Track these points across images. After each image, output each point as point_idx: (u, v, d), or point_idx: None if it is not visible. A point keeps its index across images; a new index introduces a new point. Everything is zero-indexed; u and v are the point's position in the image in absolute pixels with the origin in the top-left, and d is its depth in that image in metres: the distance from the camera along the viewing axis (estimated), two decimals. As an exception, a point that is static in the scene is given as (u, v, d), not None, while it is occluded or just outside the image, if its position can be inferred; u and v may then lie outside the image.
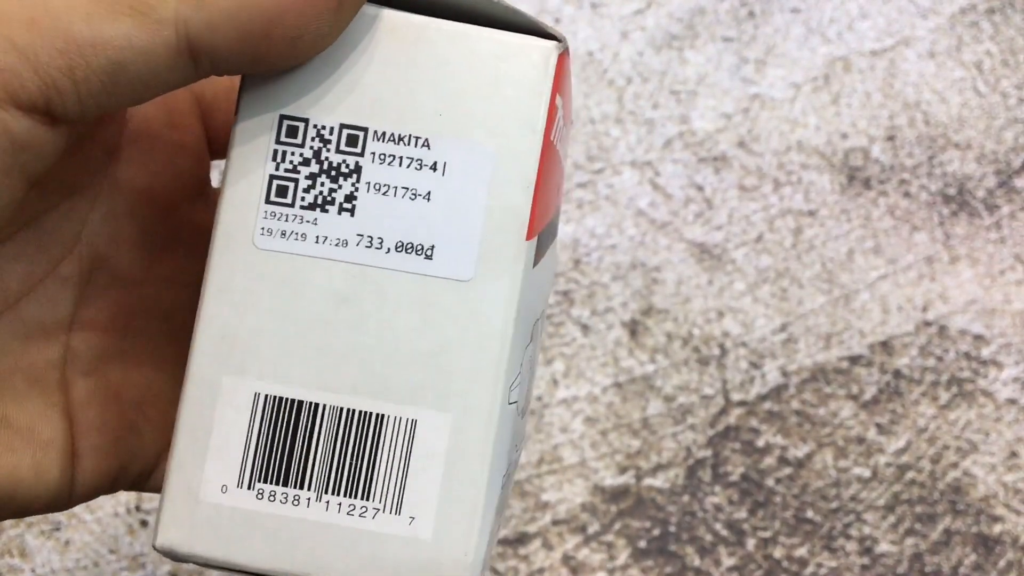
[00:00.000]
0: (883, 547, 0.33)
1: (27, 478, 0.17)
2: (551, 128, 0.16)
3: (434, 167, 0.16)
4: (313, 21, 0.15)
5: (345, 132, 0.16)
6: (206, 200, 0.21)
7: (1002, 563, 0.33)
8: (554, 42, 0.16)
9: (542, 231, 0.17)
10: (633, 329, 0.34)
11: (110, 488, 0.19)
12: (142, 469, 0.19)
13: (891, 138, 0.36)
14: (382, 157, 0.16)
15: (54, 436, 0.18)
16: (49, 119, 0.15)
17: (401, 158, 0.16)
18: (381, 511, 0.16)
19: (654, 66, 0.35)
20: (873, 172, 0.35)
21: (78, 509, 0.31)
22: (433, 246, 0.16)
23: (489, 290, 0.16)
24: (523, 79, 0.16)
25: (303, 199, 0.16)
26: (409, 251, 0.16)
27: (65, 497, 0.18)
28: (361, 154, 0.16)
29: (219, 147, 0.21)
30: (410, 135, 0.16)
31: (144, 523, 0.32)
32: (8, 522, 0.31)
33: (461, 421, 0.16)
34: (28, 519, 0.31)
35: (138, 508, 0.32)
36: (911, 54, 0.36)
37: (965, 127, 0.36)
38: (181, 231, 0.21)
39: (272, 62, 0.16)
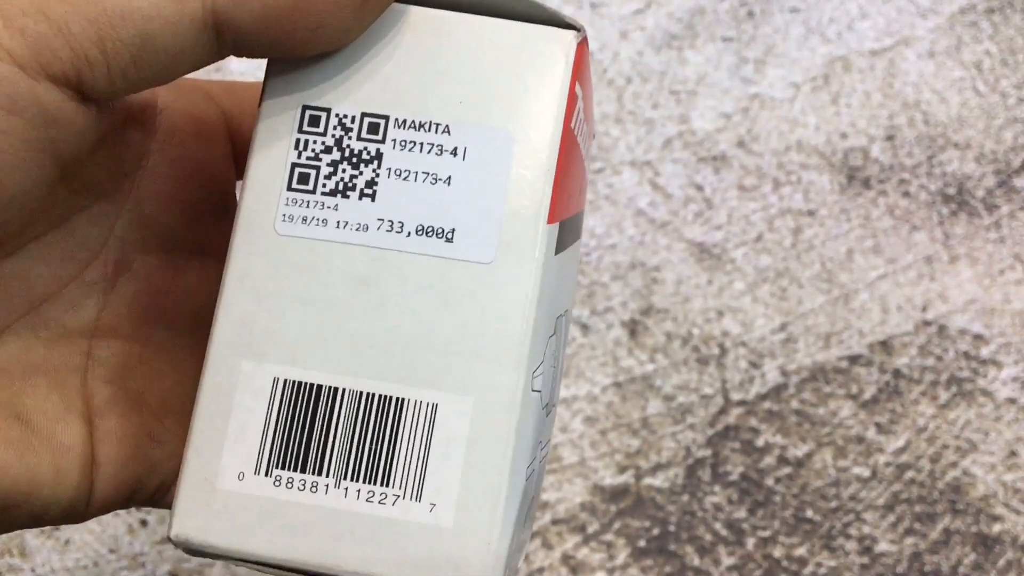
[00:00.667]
0: (882, 546, 0.33)
1: (46, 481, 0.17)
2: (571, 116, 0.16)
3: (454, 152, 0.16)
4: (336, 13, 0.15)
5: (367, 120, 0.16)
6: (230, 215, 0.21)
7: (1002, 562, 0.33)
8: (573, 31, 0.16)
9: (564, 220, 0.17)
10: (633, 329, 0.34)
11: (126, 502, 0.19)
12: (160, 482, 0.19)
13: (891, 138, 0.36)
14: (403, 144, 0.16)
15: (74, 442, 0.18)
16: (79, 94, 0.15)
17: (422, 144, 0.16)
18: (401, 498, 0.16)
19: (654, 66, 0.36)
20: (873, 172, 0.35)
21: (78, 508, 0.32)
22: (454, 229, 0.16)
23: (510, 273, 0.16)
24: (543, 67, 0.16)
25: (324, 185, 0.16)
26: (430, 234, 0.16)
27: (81, 507, 0.18)
28: (382, 141, 0.16)
29: (244, 164, 0.21)
30: (431, 122, 0.16)
31: (144, 523, 0.32)
32: (8, 521, 0.31)
33: (482, 405, 0.16)
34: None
35: (138, 508, 0.32)
36: (911, 54, 0.36)
37: (965, 127, 0.36)
38: (205, 243, 0.21)
39: (293, 48, 0.16)
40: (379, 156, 0.16)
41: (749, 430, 0.33)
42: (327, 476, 0.16)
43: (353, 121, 0.16)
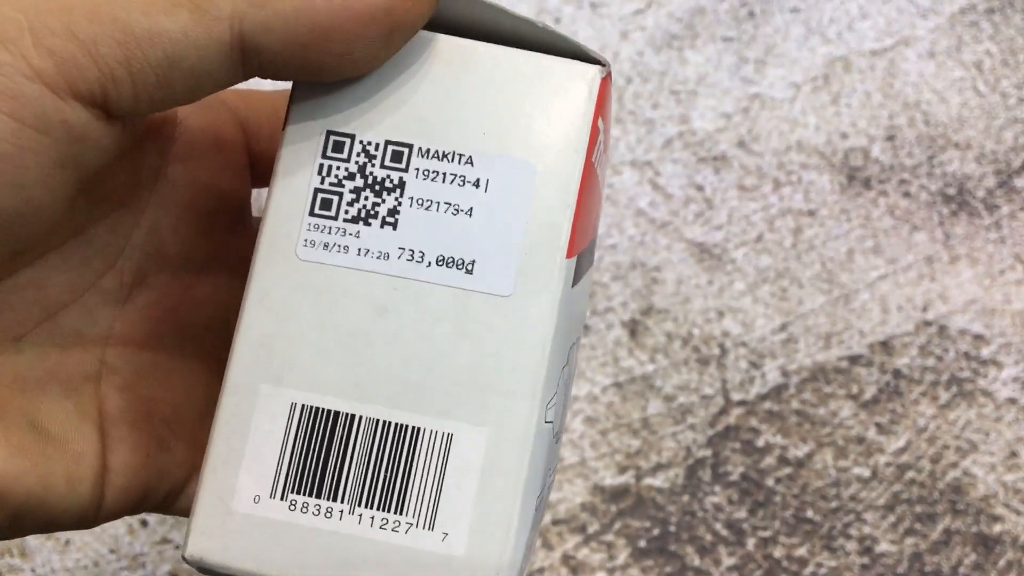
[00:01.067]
0: (883, 547, 0.33)
1: (59, 489, 0.17)
2: (592, 150, 0.16)
3: (477, 184, 0.16)
4: (363, 42, 0.15)
5: (390, 148, 0.16)
6: (245, 226, 0.21)
7: (1002, 563, 0.33)
8: (597, 66, 0.16)
9: (581, 252, 0.17)
10: (633, 329, 0.34)
11: (135, 508, 0.19)
12: (170, 489, 0.19)
13: (891, 138, 0.36)
14: (426, 173, 0.16)
15: (86, 449, 0.18)
16: (105, 113, 0.15)
17: (444, 174, 0.16)
18: (414, 526, 0.16)
19: (654, 66, 0.36)
20: (873, 172, 0.35)
21: (78, 509, 0.32)
22: (474, 261, 0.16)
23: (528, 306, 0.16)
24: (567, 101, 0.16)
25: (347, 212, 0.16)
26: (450, 265, 0.16)
27: (92, 514, 0.18)
28: (405, 170, 0.16)
29: (261, 173, 0.21)
30: (454, 152, 0.16)
31: (144, 523, 0.32)
32: (8, 522, 0.31)
33: (497, 436, 0.16)
34: (28, 519, 0.31)
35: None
36: (911, 54, 0.36)
37: (965, 127, 0.36)
38: (221, 253, 0.21)
39: (319, 73, 0.16)
40: (402, 185, 0.16)
41: (749, 430, 0.33)
42: (342, 502, 0.16)
43: (377, 148, 0.16)
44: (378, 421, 0.16)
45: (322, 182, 0.16)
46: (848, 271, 0.35)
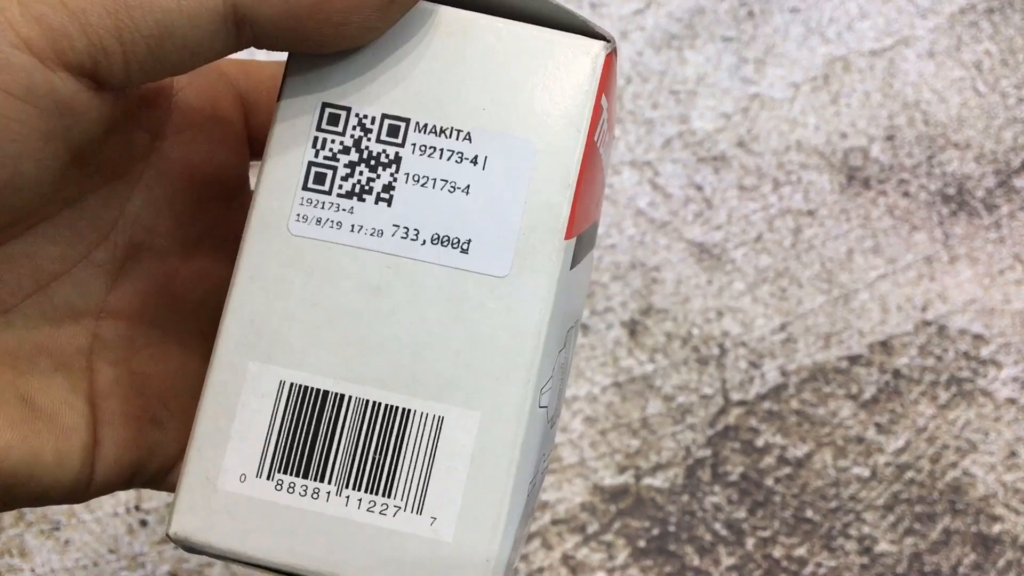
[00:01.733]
0: (882, 547, 0.33)
1: (48, 463, 0.17)
2: (595, 128, 0.16)
3: (474, 161, 0.16)
4: (361, 12, 0.15)
5: (387, 122, 0.16)
6: (243, 199, 0.21)
7: (1001, 563, 0.33)
8: (602, 42, 0.16)
9: (581, 234, 0.17)
10: (632, 329, 0.34)
11: (127, 483, 0.19)
12: (161, 465, 0.19)
13: (890, 138, 0.36)
14: (423, 149, 0.16)
15: (77, 423, 0.18)
16: (95, 83, 0.15)
17: (442, 150, 0.16)
18: (402, 509, 0.16)
19: (654, 66, 0.36)
20: (872, 172, 0.35)
21: (78, 508, 0.31)
22: (470, 240, 0.16)
23: (525, 288, 0.16)
24: (570, 78, 0.16)
25: (340, 187, 0.16)
26: (445, 244, 0.16)
27: (83, 488, 0.18)
28: (402, 145, 0.16)
29: (259, 146, 0.21)
30: (452, 128, 0.16)
31: (144, 523, 0.32)
32: (8, 521, 0.31)
33: (489, 420, 0.16)
34: (28, 518, 0.31)
35: (138, 508, 0.32)
36: (910, 54, 0.36)
37: (964, 127, 0.36)
38: (216, 227, 0.20)
39: (315, 44, 0.15)
40: (398, 160, 0.16)
41: (749, 430, 0.33)
42: (329, 483, 0.16)
43: (373, 122, 0.16)
44: (368, 402, 0.16)
45: (316, 155, 0.16)
46: (848, 271, 0.35)
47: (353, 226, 0.16)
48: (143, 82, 0.15)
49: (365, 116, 0.16)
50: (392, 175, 0.16)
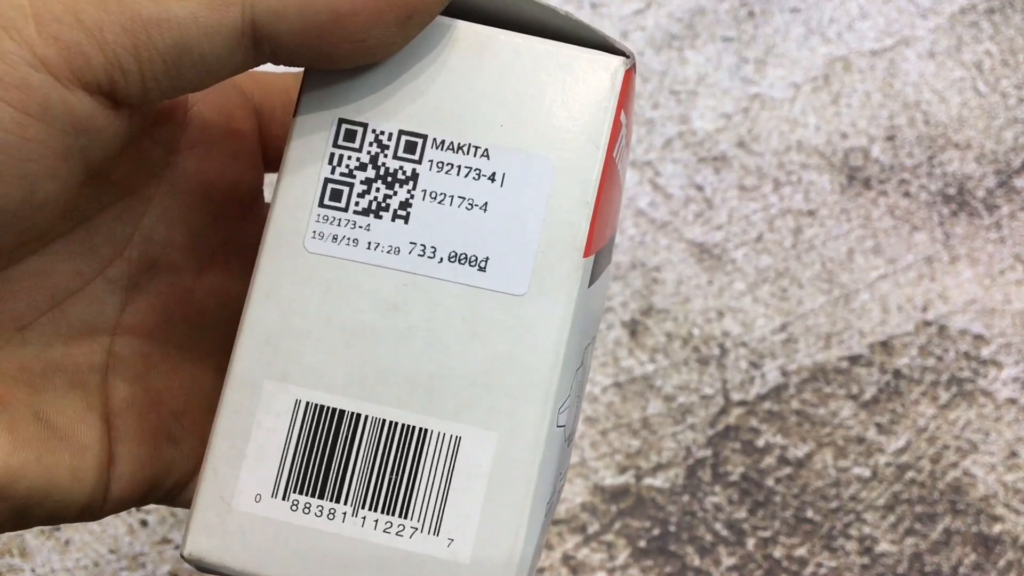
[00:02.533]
0: (883, 547, 0.33)
1: (63, 481, 0.17)
2: (614, 145, 0.16)
3: (492, 178, 0.16)
4: (379, 28, 0.15)
5: (404, 138, 0.16)
6: (257, 213, 0.21)
7: (1002, 563, 0.33)
8: (622, 57, 0.16)
9: (599, 251, 0.17)
10: (633, 329, 0.34)
11: (142, 500, 0.19)
12: (176, 481, 0.19)
13: (891, 138, 0.36)
14: (440, 165, 0.16)
15: (92, 440, 0.18)
16: (112, 101, 0.15)
17: (459, 167, 0.16)
18: (419, 531, 0.15)
19: (654, 66, 0.35)
20: (873, 172, 0.35)
21: (78, 509, 0.32)
22: (488, 258, 0.16)
23: (543, 306, 0.15)
24: (589, 93, 0.16)
25: (357, 204, 0.16)
26: (463, 262, 0.16)
27: (98, 506, 0.18)
28: (419, 161, 0.16)
29: (275, 159, 0.21)
30: (470, 144, 0.16)
31: (144, 523, 0.32)
32: (8, 522, 0.31)
33: (507, 441, 0.15)
34: (28, 519, 0.31)
35: (138, 508, 0.32)
36: (911, 54, 0.36)
37: (965, 127, 0.36)
38: (231, 240, 0.20)
39: (333, 60, 0.15)
40: (415, 177, 0.16)
41: (749, 430, 0.33)
42: (345, 504, 0.16)
43: (390, 138, 0.16)
44: (384, 421, 0.16)
45: (332, 172, 0.16)
46: (848, 271, 0.35)
47: (370, 243, 0.16)
48: (160, 99, 0.15)
49: (382, 132, 0.16)
50: (409, 192, 0.16)
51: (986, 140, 0.36)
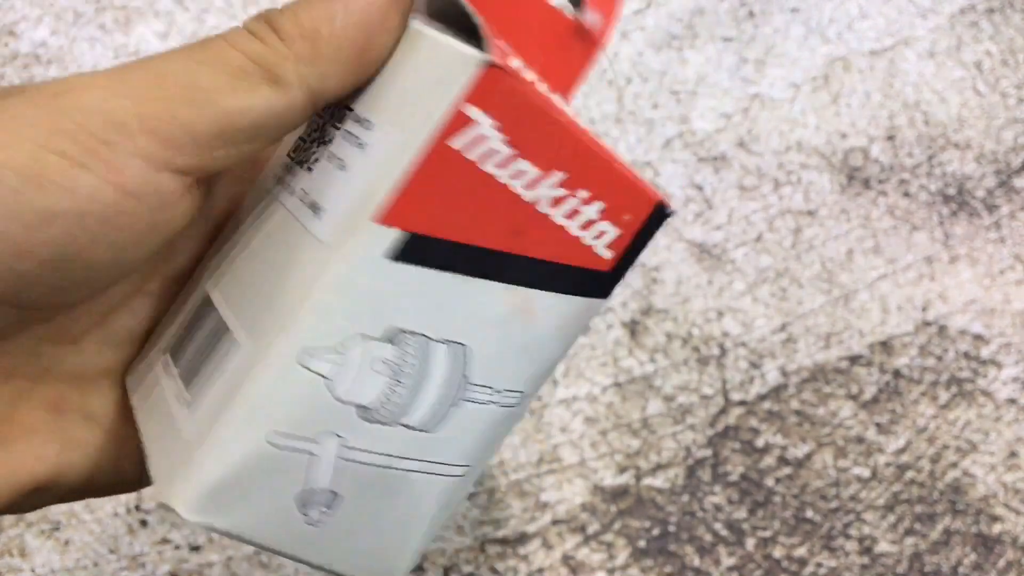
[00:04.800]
0: (883, 547, 0.33)
1: (106, 474, 0.20)
2: (451, 134, 0.17)
3: (361, 146, 0.17)
4: (386, 34, 0.18)
5: (345, 112, 0.18)
6: None
7: (1002, 563, 0.33)
8: (480, 55, 0.16)
9: (425, 236, 0.17)
10: (633, 329, 0.34)
11: None
12: None
13: (891, 138, 0.36)
14: (346, 133, 0.18)
15: (133, 432, 0.20)
16: (195, 180, 0.18)
17: (353, 135, 0.18)
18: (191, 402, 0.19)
19: (654, 66, 0.36)
20: (873, 172, 0.35)
21: (78, 508, 0.32)
22: (323, 208, 0.18)
23: (327, 255, 0.17)
24: (439, 82, 0.17)
25: (298, 159, 0.19)
26: (313, 208, 0.18)
27: (134, 487, 0.21)
28: (339, 128, 0.18)
29: None
30: (366, 118, 0.18)
31: (144, 523, 0.32)
32: (8, 521, 0.31)
33: (252, 354, 0.17)
34: (28, 518, 0.31)
35: (138, 508, 0.32)
36: (911, 54, 0.36)
37: (965, 127, 0.36)
38: None
39: (368, 76, 0.18)
40: (332, 140, 0.18)
41: (749, 430, 0.33)
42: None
43: (342, 111, 0.19)
44: (219, 312, 0.19)
45: (305, 132, 0.19)
46: (848, 271, 0.35)
47: (288, 184, 0.19)
48: (234, 166, 0.18)
49: (345, 108, 0.19)
50: (323, 151, 0.18)
51: (986, 140, 0.36)
